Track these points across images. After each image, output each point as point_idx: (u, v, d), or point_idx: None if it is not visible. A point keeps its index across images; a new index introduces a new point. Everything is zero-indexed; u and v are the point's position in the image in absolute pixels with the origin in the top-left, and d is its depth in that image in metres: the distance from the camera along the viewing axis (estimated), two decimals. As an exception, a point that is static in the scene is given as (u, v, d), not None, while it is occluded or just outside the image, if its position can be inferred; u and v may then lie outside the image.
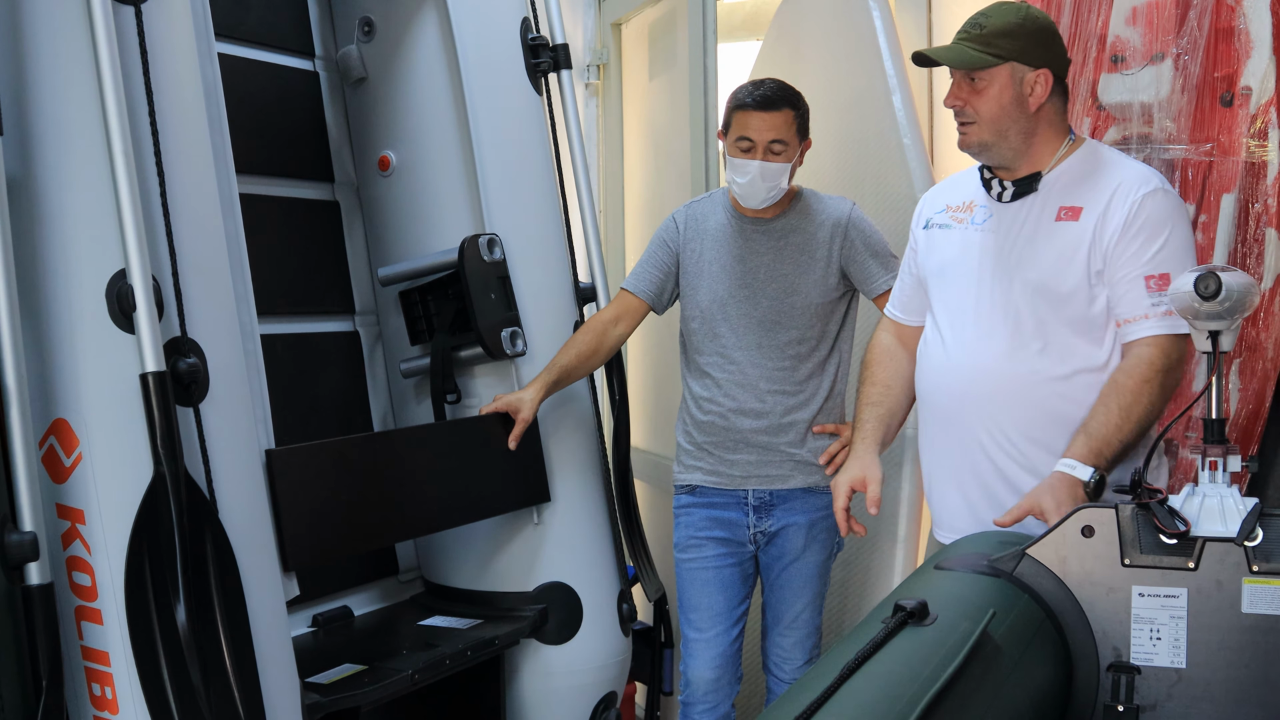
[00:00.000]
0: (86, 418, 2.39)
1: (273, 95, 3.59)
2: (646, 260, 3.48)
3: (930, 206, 2.94)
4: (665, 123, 4.63)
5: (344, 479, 3.02)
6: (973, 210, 2.81)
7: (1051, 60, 2.66)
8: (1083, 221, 2.63)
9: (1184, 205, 2.68)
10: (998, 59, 2.63)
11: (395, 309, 3.68)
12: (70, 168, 2.39)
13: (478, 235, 3.41)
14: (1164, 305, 2.54)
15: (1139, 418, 2.51)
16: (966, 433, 2.74)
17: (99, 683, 2.41)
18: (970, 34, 2.67)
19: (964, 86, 2.69)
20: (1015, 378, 2.67)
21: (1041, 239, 2.66)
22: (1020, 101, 2.65)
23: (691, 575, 3.46)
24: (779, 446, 3.32)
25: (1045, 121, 2.68)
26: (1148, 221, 2.58)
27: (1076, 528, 2.23)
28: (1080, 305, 2.62)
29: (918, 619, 1.93)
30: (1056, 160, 2.70)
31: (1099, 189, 2.64)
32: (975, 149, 2.73)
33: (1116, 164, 2.69)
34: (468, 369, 3.59)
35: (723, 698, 3.45)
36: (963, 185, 2.87)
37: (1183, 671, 2.16)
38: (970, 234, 2.79)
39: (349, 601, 3.54)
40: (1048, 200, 2.68)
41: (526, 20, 3.64)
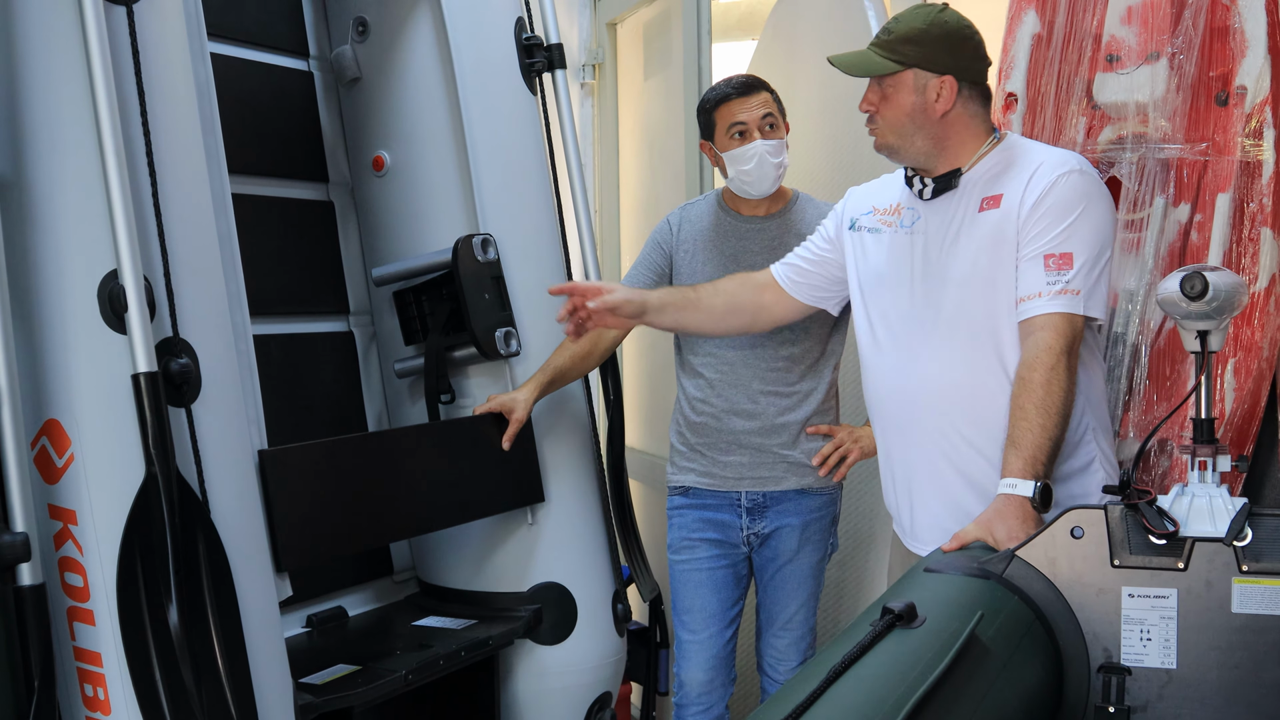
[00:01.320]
0: (78, 418, 2.39)
1: (267, 95, 3.58)
2: (641, 263, 3.48)
3: (855, 206, 2.94)
4: (660, 122, 4.63)
5: (338, 479, 3.02)
6: (900, 213, 2.81)
7: (956, 66, 2.66)
8: (1004, 207, 2.63)
9: (1104, 190, 2.67)
10: (899, 65, 2.65)
11: (389, 309, 3.68)
12: (62, 167, 2.39)
13: (471, 235, 3.41)
14: (1060, 284, 2.54)
15: (1056, 409, 2.48)
16: (925, 440, 2.73)
17: (91, 684, 2.41)
18: (879, 39, 2.69)
19: (874, 90, 2.71)
20: (964, 380, 2.67)
21: (969, 234, 2.67)
22: (924, 108, 2.66)
23: (685, 577, 3.46)
24: (771, 448, 3.32)
25: (957, 126, 2.68)
26: (1059, 201, 2.58)
27: (1066, 529, 2.23)
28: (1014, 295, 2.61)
29: (906, 621, 1.93)
30: (977, 158, 2.70)
31: (1019, 174, 2.64)
32: (884, 152, 2.75)
33: (1036, 150, 2.70)
34: (462, 369, 3.58)
35: (716, 699, 3.45)
36: (889, 187, 2.88)
37: (1173, 672, 2.16)
38: (899, 238, 2.79)
39: (343, 602, 3.53)
40: (970, 195, 2.69)
41: (521, 20, 3.64)
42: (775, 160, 3.26)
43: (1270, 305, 2.89)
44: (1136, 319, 3.07)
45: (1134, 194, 3.07)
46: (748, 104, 3.27)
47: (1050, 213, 2.58)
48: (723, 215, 3.39)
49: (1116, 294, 3.07)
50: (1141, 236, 3.06)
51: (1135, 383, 3.06)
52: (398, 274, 3.60)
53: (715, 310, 3.12)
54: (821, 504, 3.39)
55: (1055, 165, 2.63)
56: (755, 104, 3.27)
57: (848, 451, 3.34)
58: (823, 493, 3.39)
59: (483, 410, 3.36)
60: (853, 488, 3.76)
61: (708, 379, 3.36)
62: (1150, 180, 3.05)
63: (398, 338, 3.67)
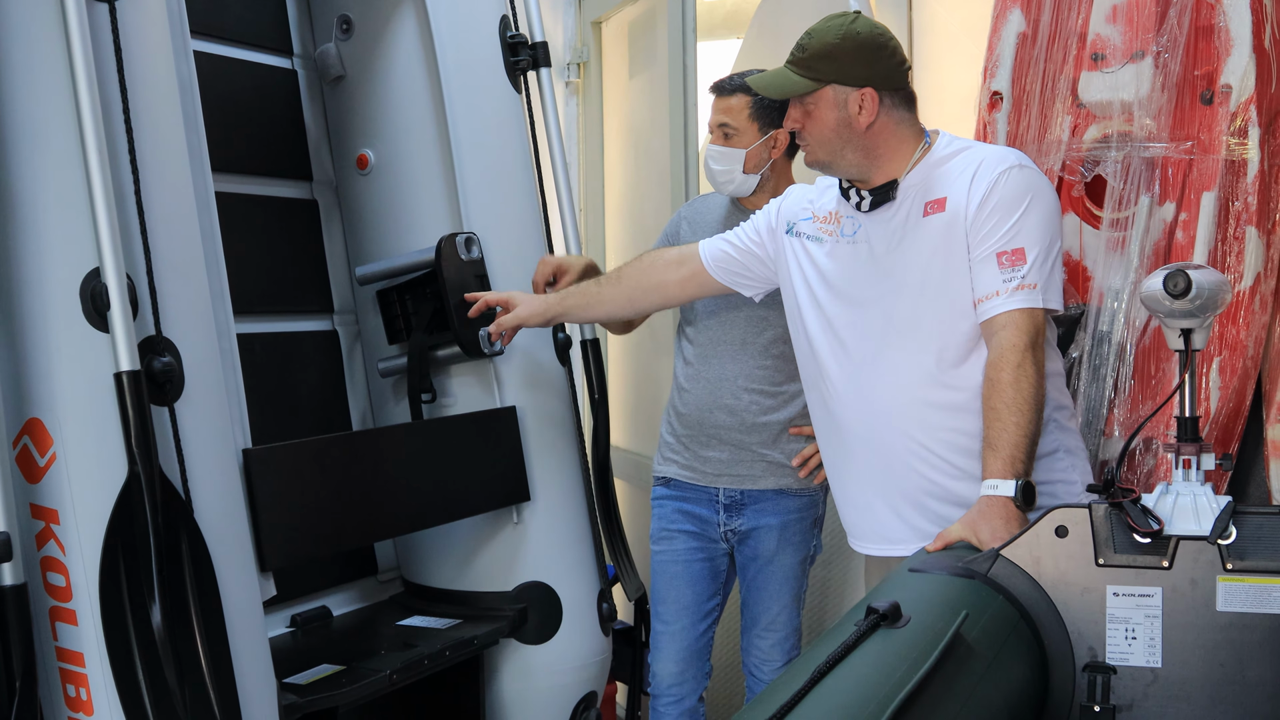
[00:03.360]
0: (60, 417, 2.38)
1: (250, 93, 3.57)
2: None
3: (793, 209, 2.93)
4: (645, 121, 4.63)
5: (322, 478, 3.01)
6: (839, 222, 2.80)
7: (875, 76, 2.64)
8: (949, 210, 2.63)
9: (1046, 182, 2.67)
10: (817, 83, 2.63)
11: (373, 308, 3.68)
12: (44, 165, 2.38)
13: (455, 234, 3.41)
14: (1016, 280, 2.54)
15: (1028, 405, 2.49)
16: (887, 450, 2.72)
17: (74, 684, 2.40)
18: (794, 56, 2.67)
19: (796, 108, 2.70)
20: (919, 387, 2.66)
21: (916, 240, 2.66)
22: (847, 122, 2.65)
23: (661, 568, 3.47)
24: (751, 445, 3.32)
25: (884, 135, 2.67)
26: (1004, 198, 2.58)
27: (1050, 528, 2.23)
28: (965, 296, 2.61)
29: (891, 621, 1.92)
30: (912, 164, 2.69)
31: (960, 175, 2.64)
32: (816, 167, 2.75)
33: (973, 148, 2.70)
34: (444, 369, 3.58)
35: (688, 691, 3.46)
36: (826, 194, 2.87)
37: (1158, 671, 2.16)
38: (841, 247, 2.78)
39: (327, 601, 3.52)
40: (913, 201, 2.68)
41: (505, 18, 3.63)
42: (717, 167, 3.28)
43: (1255, 304, 2.89)
44: (1122, 317, 3.07)
45: (1119, 193, 3.07)
46: (715, 106, 3.30)
47: (996, 210, 2.58)
48: (732, 208, 3.39)
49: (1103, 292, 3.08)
50: (1126, 235, 3.07)
51: (1120, 381, 3.07)
52: (381, 273, 3.59)
53: (619, 299, 3.20)
54: (801, 505, 3.38)
55: (995, 163, 2.62)
56: (719, 107, 3.29)
57: None
58: (802, 494, 3.37)
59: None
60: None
61: (698, 371, 3.35)
62: (1135, 179, 3.05)
63: (381, 336, 3.65)
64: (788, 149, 3.31)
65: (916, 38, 3.88)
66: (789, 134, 3.29)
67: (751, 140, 3.25)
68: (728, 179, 3.28)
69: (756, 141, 3.26)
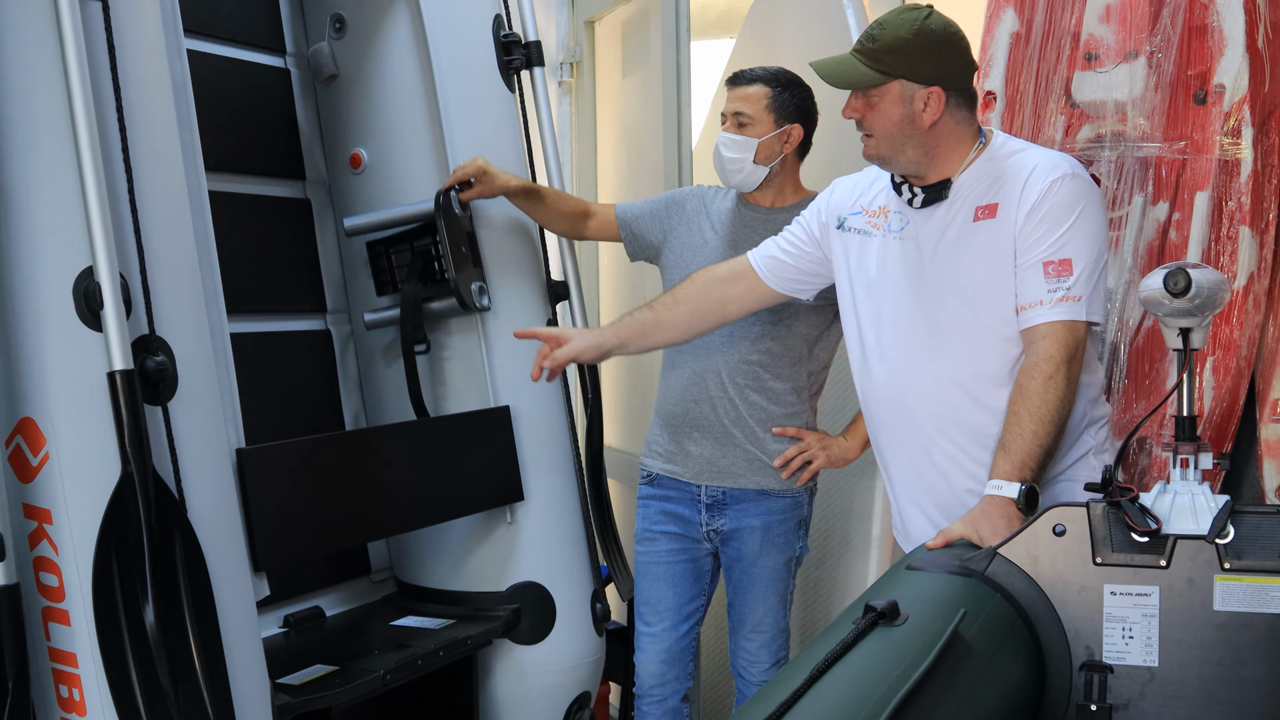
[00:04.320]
0: (53, 416, 2.36)
1: (243, 92, 3.56)
2: (650, 204, 3.52)
3: (842, 202, 2.91)
4: (639, 121, 4.62)
5: (316, 478, 3.00)
6: (887, 216, 2.78)
7: (943, 75, 2.61)
8: (1000, 217, 2.60)
9: (1096, 191, 2.64)
10: (884, 76, 2.60)
11: (360, 261, 3.67)
12: (37, 164, 2.36)
13: (450, 188, 3.41)
14: (1060, 291, 2.52)
15: (1051, 418, 2.48)
16: (915, 447, 2.73)
17: (66, 684, 2.39)
18: (863, 46, 2.63)
19: (858, 99, 2.66)
20: (956, 389, 2.65)
21: (963, 243, 2.64)
22: (911, 119, 2.61)
23: (644, 569, 3.47)
24: (735, 440, 3.31)
25: (945, 134, 2.64)
26: (1055, 206, 2.55)
27: (1048, 526, 2.23)
28: (1008, 301, 2.60)
29: (889, 619, 1.92)
30: (966, 164, 2.67)
31: (1012, 181, 2.61)
32: (875, 161, 2.72)
33: (1026, 153, 2.66)
34: (436, 322, 3.57)
35: (671, 692, 3.45)
36: (875, 186, 2.85)
37: (1155, 670, 2.16)
38: (889, 243, 2.77)
39: (320, 602, 3.51)
40: (963, 203, 2.66)
41: (499, 17, 3.63)
42: (728, 155, 3.26)
43: (1249, 303, 2.90)
44: (1115, 317, 3.08)
45: (1113, 192, 3.07)
46: (733, 94, 3.29)
47: (1047, 219, 2.55)
48: (737, 202, 3.39)
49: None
50: (1120, 235, 3.07)
51: (1114, 381, 3.07)
52: (370, 225, 3.58)
53: (679, 323, 3.15)
54: (785, 507, 3.37)
55: (1048, 170, 2.59)
56: (737, 96, 3.28)
57: (813, 457, 3.31)
58: (785, 495, 3.36)
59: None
60: (831, 488, 3.76)
61: (687, 361, 3.34)
62: (1129, 179, 3.05)
63: (370, 291, 3.66)
64: (799, 147, 3.31)
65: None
66: (803, 130, 3.29)
67: (766, 131, 3.25)
68: (737, 168, 3.27)
69: (771, 133, 3.26)
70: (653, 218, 3.47)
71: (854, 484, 3.76)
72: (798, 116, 3.28)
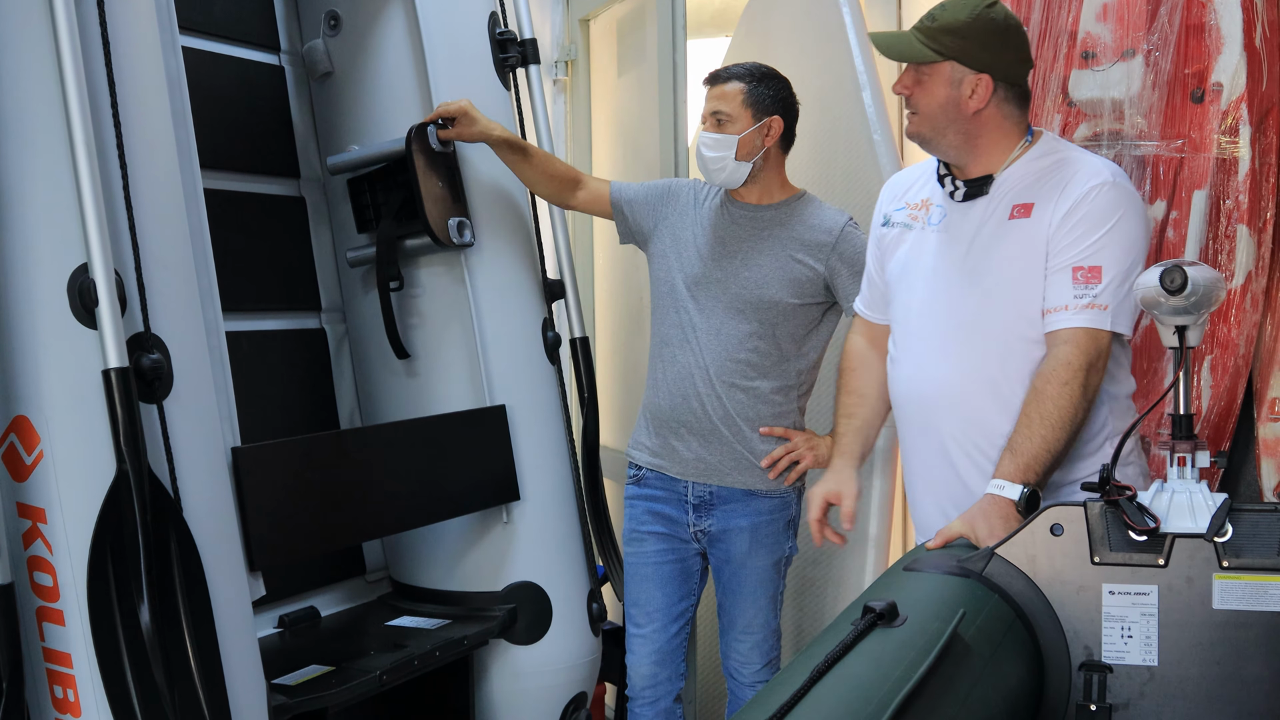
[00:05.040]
0: (48, 414, 2.36)
1: (238, 89, 3.55)
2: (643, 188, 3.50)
3: (890, 200, 2.92)
4: (634, 119, 4.61)
5: (311, 477, 3.00)
6: (929, 209, 2.79)
7: (995, 64, 2.61)
8: (1035, 218, 2.60)
9: (1138, 201, 2.64)
10: (938, 55, 2.61)
11: (344, 197, 3.66)
12: (31, 161, 2.36)
13: (425, 123, 3.39)
14: (1087, 298, 2.51)
15: (1062, 424, 2.48)
16: (935, 442, 2.72)
17: (61, 685, 2.38)
18: (923, 24, 2.64)
19: (910, 75, 2.67)
20: (976, 386, 2.65)
21: (997, 240, 2.64)
22: (956, 102, 2.62)
23: (633, 570, 3.46)
24: (723, 439, 3.30)
25: (989, 125, 2.65)
26: (1091, 212, 2.55)
27: (1045, 526, 2.22)
28: (1035, 303, 2.59)
29: (887, 620, 1.92)
30: (1010, 161, 2.67)
31: (1051, 183, 2.61)
32: (917, 140, 2.72)
33: (1071, 158, 2.66)
34: (414, 259, 3.56)
35: (663, 693, 3.45)
36: (922, 179, 2.85)
37: (1154, 669, 2.16)
38: (926, 236, 2.77)
39: (315, 602, 3.51)
40: (1001, 201, 2.65)
41: (494, 15, 3.62)
42: (709, 154, 3.25)
43: (1246, 302, 2.89)
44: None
45: (1110, 191, 3.06)
46: (709, 94, 3.29)
47: (1081, 225, 2.55)
48: (725, 198, 3.38)
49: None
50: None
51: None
52: (353, 162, 3.57)
53: (879, 408, 3.04)
54: (772, 507, 3.36)
55: (1088, 176, 2.59)
56: (713, 95, 3.27)
57: (800, 457, 3.31)
58: (773, 496, 3.35)
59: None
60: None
61: (674, 356, 3.33)
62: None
63: (352, 226, 3.65)
64: (781, 139, 3.30)
65: (905, 36, 3.88)
66: (782, 122, 3.28)
67: (745, 127, 3.24)
68: (719, 166, 3.26)
69: (750, 128, 3.24)
70: (647, 204, 3.46)
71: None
72: (776, 109, 3.27)
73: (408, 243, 3.53)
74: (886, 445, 3.69)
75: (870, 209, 3.63)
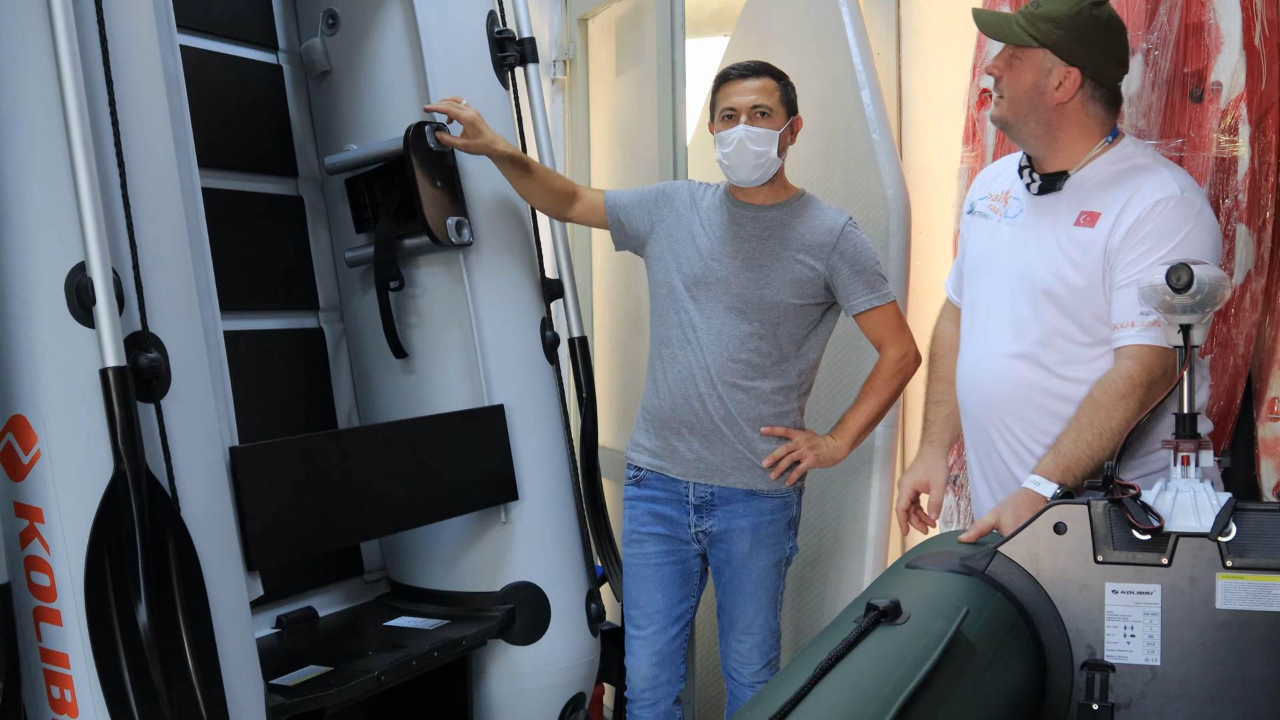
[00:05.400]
0: (45, 414, 2.34)
1: (235, 88, 3.54)
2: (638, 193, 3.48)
3: (979, 187, 2.95)
4: (632, 119, 4.61)
5: (309, 477, 2.99)
6: (1008, 201, 2.81)
7: (1087, 60, 2.63)
8: (1098, 228, 2.61)
9: (1208, 214, 2.63)
10: (1033, 41, 2.63)
11: (342, 197, 3.64)
12: (29, 159, 2.34)
13: (423, 122, 3.38)
14: (1153, 315, 2.50)
15: (1111, 435, 2.50)
16: (984, 432, 2.77)
17: (58, 685, 2.37)
18: (1026, 9, 2.66)
19: (1004, 57, 2.70)
20: (1023, 381, 2.68)
21: (1058, 242, 2.66)
22: (1041, 91, 2.64)
23: (632, 571, 3.44)
24: (724, 439, 3.29)
25: (1070, 119, 2.66)
26: (1156, 228, 2.55)
27: (1049, 524, 2.22)
28: (1088, 311, 2.61)
29: (891, 618, 1.92)
30: (1086, 160, 2.68)
31: (1118, 193, 2.62)
32: (999, 124, 2.76)
33: (1144, 167, 2.66)
34: (412, 258, 3.55)
35: (663, 695, 3.43)
36: (1009, 170, 2.87)
37: (1157, 669, 2.15)
38: (1000, 228, 2.80)
39: (313, 602, 3.49)
40: (1070, 202, 2.67)
41: (493, 13, 3.61)
42: (756, 149, 3.21)
43: (1245, 302, 2.89)
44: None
45: (1110, 190, 3.06)
46: (743, 87, 3.23)
47: (1147, 240, 2.55)
48: (724, 197, 3.36)
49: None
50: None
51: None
52: (350, 162, 3.56)
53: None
54: (774, 508, 3.35)
55: (1155, 189, 2.59)
56: (750, 89, 3.23)
57: (801, 457, 3.30)
58: (774, 496, 3.34)
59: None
60: (824, 488, 3.75)
61: (675, 356, 3.32)
62: (1125, 176, 3.04)
63: (349, 226, 3.64)
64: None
65: (905, 35, 3.88)
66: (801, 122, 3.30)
67: (781, 123, 3.23)
68: (763, 160, 3.23)
69: (784, 124, 3.25)
70: (641, 208, 3.43)
71: (847, 484, 3.75)
72: (796, 109, 3.28)
73: (406, 242, 3.51)
74: (885, 445, 3.69)
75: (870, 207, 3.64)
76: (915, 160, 3.83)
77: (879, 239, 3.56)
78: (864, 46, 3.73)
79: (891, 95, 3.85)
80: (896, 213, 3.66)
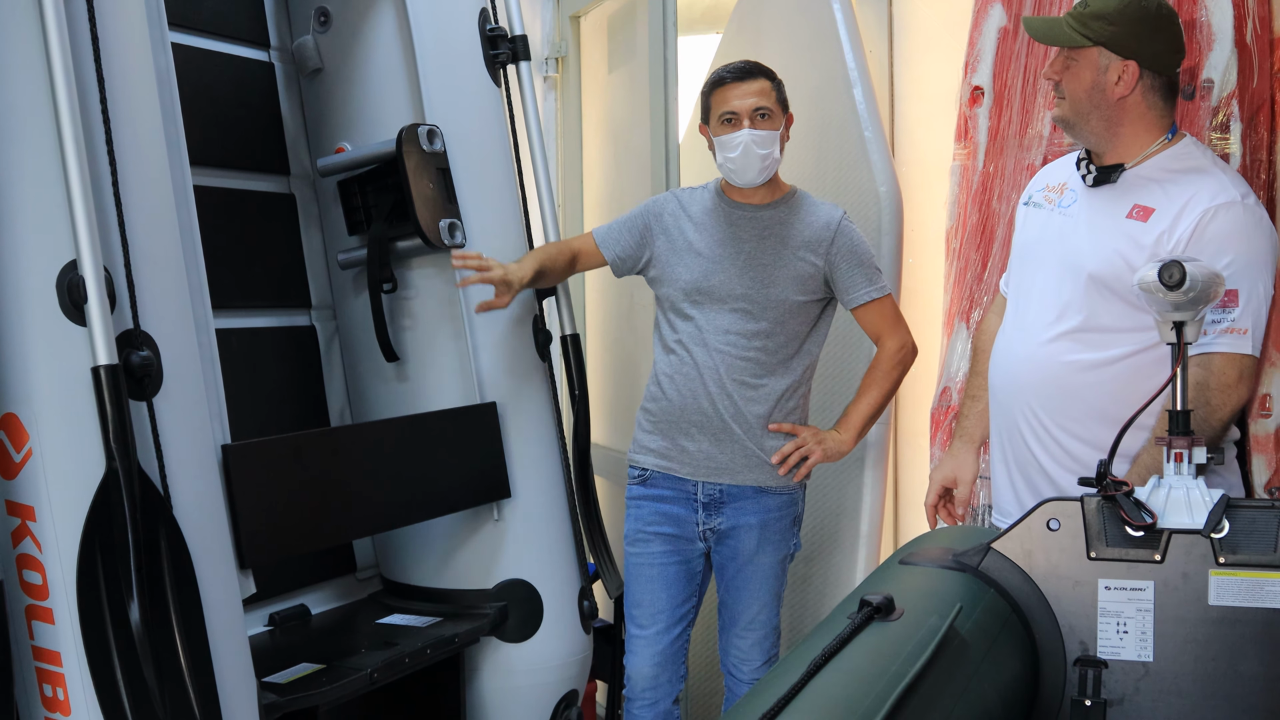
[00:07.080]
0: (36, 412, 2.34)
1: (227, 86, 3.53)
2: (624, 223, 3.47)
3: (1037, 181, 2.97)
4: (625, 116, 4.61)
5: (302, 475, 2.98)
6: (1063, 192, 2.83)
7: (1143, 53, 2.64)
8: (1151, 224, 2.62)
9: (1266, 219, 2.63)
10: (1086, 40, 2.64)
11: (335, 200, 3.64)
12: (20, 156, 2.34)
13: (416, 124, 3.38)
14: (1225, 323, 2.53)
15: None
16: (1011, 418, 2.79)
17: (50, 683, 2.37)
18: (1075, 10, 2.68)
19: (1059, 60, 2.71)
20: (1052, 366, 2.71)
21: (1108, 233, 2.67)
22: (1102, 88, 2.66)
23: (636, 570, 3.44)
24: (734, 436, 3.29)
25: (1132, 113, 2.67)
26: (1215, 236, 2.56)
27: (1042, 521, 2.22)
28: (1131, 302, 2.60)
29: (884, 614, 1.92)
30: (1145, 155, 2.69)
31: (1176, 195, 2.62)
32: (1061, 124, 2.78)
33: (1204, 169, 2.66)
34: (406, 261, 3.54)
35: (663, 694, 3.43)
36: (1065, 164, 2.89)
37: (1150, 665, 2.16)
38: (1053, 217, 2.81)
39: (306, 600, 3.49)
40: (1125, 194, 2.68)
41: (485, 11, 3.61)
42: (761, 151, 3.22)
43: (1238, 299, 2.89)
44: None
45: (1102, 187, 3.06)
46: (742, 90, 3.24)
47: (1208, 249, 2.53)
48: (718, 199, 3.36)
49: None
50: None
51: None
52: (343, 164, 3.55)
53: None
54: (781, 504, 3.36)
55: (1213, 194, 2.59)
56: (749, 91, 3.23)
57: (809, 452, 3.31)
58: (782, 492, 3.35)
59: (464, 265, 3.24)
60: (820, 485, 3.75)
61: (680, 359, 3.32)
62: (1118, 174, 3.04)
63: (341, 228, 3.63)
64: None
65: (896, 33, 3.88)
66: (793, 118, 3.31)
67: (779, 123, 3.26)
68: (768, 163, 3.26)
69: (782, 124, 3.27)
70: (630, 234, 3.43)
71: (843, 480, 3.75)
72: (789, 105, 3.30)
73: (398, 244, 3.51)
74: (879, 440, 3.69)
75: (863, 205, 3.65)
76: (907, 158, 3.83)
77: (871, 236, 3.56)
78: (856, 44, 3.73)
79: (884, 93, 3.85)
80: (889, 210, 3.66)
